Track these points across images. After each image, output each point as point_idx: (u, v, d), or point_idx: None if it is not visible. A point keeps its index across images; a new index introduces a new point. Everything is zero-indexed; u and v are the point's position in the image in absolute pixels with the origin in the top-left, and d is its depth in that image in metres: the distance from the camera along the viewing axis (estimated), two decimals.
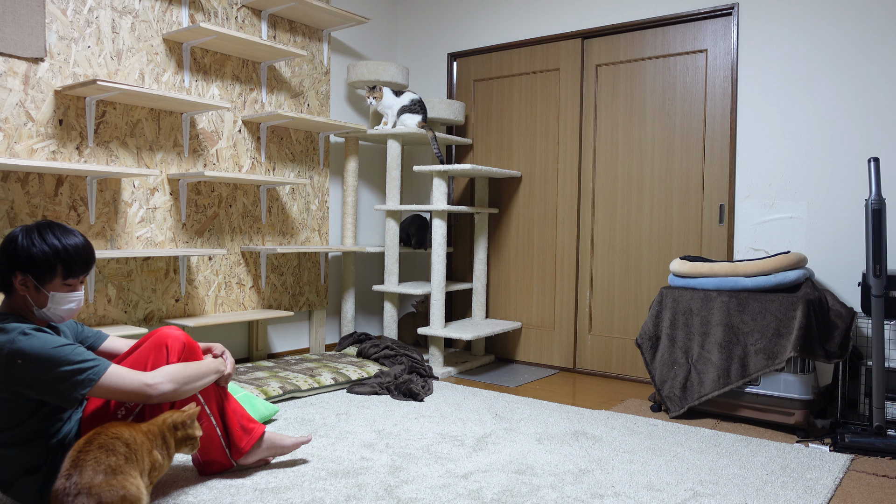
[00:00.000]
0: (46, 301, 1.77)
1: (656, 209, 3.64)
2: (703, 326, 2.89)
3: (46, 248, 1.74)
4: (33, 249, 1.73)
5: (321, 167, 4.05)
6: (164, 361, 1.90)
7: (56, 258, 1.75)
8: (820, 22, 3.15)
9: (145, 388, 1.74)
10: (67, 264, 1.77)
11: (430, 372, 3.52)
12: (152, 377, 1.76)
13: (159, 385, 1.76)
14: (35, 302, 1.77)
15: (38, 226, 1.78)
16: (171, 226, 3.28)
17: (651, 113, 3.65)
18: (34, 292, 1.76)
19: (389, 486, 2.04)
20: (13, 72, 2.71)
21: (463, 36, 4.36)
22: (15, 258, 1.74)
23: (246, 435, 2.09)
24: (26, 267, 1.74)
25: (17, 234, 1.76)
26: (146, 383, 1.74)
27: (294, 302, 3.90)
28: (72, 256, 1.78)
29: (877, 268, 2.47)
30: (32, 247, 1.74)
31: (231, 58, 3.54)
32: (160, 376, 1.78)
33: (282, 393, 2.98)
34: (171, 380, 1.79)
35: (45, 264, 1.74)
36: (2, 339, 1.64)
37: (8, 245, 1.75)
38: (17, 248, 1.74)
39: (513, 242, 4.16)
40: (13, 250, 1.74)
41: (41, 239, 1.75)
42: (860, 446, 2.45)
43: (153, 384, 1.75)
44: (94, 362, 1.69)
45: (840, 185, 3.11)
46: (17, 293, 1.77)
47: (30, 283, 1.75)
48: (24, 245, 1.73)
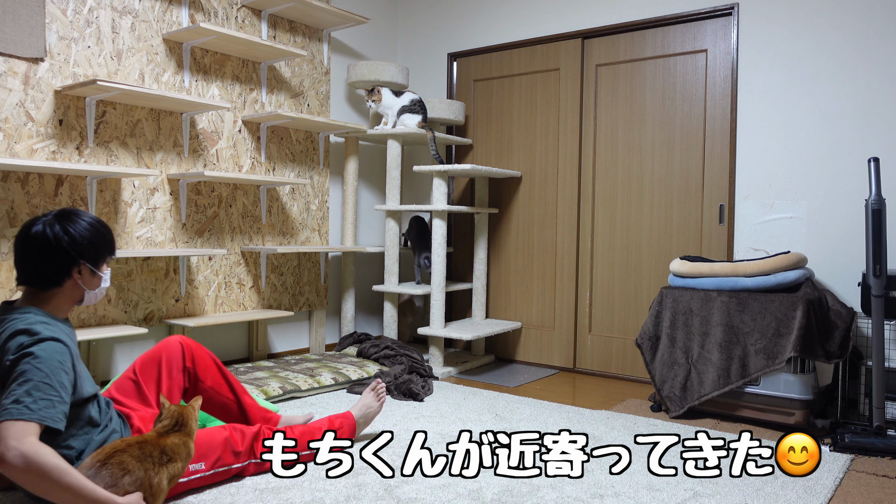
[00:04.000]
0: (100, 282, 1.82)
1: (656, 209, 3.63)
2: (703, 326, 2.89)
3: (94, 230, 1.79)
4: (85, 234, 1.76)
5: (321, 167, 4.05)
6: (153, 380, 1.92)
7: (104, 237, 1.82)
8: (820, 22, 3.15)
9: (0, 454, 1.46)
10: (111, 241, 1.85)
11: (430, 372, 3.52)
12: (12, 450, 1.45)
13: (9, 459, 1.46)
14: (89, 286, 1.80)
15: (62, 213, 1.77)
16: (171, 226, 3.28)
17: (651, 113, 3.65)
18: (90, 278, 1.79)
19: (389, 485, 2.04)
20: (13, 72, 2.71)
21: (463, 36, 4.36)
22: (74, 250, 1.74)
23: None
24: (85, 254, 1.76)
25: (57, 231, 1.72)
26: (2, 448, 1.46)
27: (294, 302, 3.90)
28: (110, 233, 1.85)
29: (877, 268, 2.47)
30: (83, 232, 1.76)
31: (231, 58, 3.54)
32: (18, 456, 1.45)
33: (282, 393, 2.98)
34: (27, 466, 1.45)
35: (99, 246, 1.79)
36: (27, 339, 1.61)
37: (56, 240, 1.72)
38: (69, 239, 1.73)
39: (513, 242, 4.16)
40: (66, 244, 1.73)
41: (84, 221, 1.78)
42: (860, 446, 2.45)
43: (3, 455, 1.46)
44: (34, 405, 1.53)
45: (840, 185, 3.11)
46: (67, 284, 1.75)
47: (86, 269, 1.78)
48: (75, 234, 1.74)
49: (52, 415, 1.54)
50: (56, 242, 1.72)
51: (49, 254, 1.72)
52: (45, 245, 1.72)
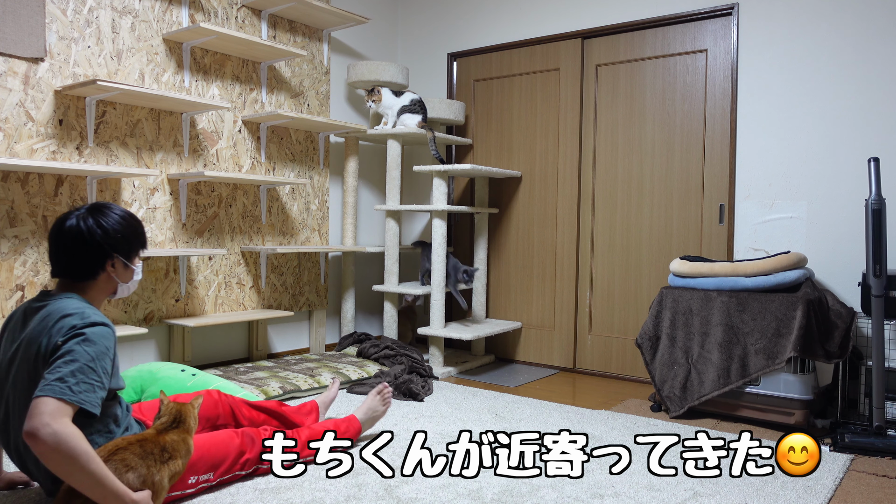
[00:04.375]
0: (133, 274, 1.85)
1: (656, 209, 3.63)
2: (703, 326, 2.89)
3: (126, 224, 1.82)
4: (118, 228, 1.79)
5: (321, 167, 4.05)
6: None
7: (136, 230, 1.85)
8: (820, 22, 3.15)
9: (34, 428, 1.47)
10: (143, 234, 1.88)
11: (430, 372, 3.52)
12: (45, 427, 1.46)
13: (42, 436, 1.46)
14: (122, 279, 1.83)
15: (95, 208, 1.81)
16: (171, 226, 3.28)
17: (651, 113, 3.65)
18: (122, 271, 1.82)
19: (389, 485, 2.04)
20: (13, 72, 2.71)
21: (463, 36, 4.36)
22: (108, 244, 1.77)
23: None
24: (118, 248, 1.79)
25: (91, 224, 1.76)
26: (37, 425, 1.47)
27: (294, 302, 3.90)
28: (141, 226, 1.88)
29: (877, 268, 2.47)
30: (116, 226, 1.79)
31: (231, 58, 3.54)
32: (51, 434, 1.45)
33: (282, 393, 2.98)
34: (56, 446, 1.46)
35: (132, 239, 1.82)
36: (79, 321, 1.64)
37: (90, 234, 1.75)
38: (103, 233, 1.76)
39: (513, 242, 4.16)
40: (101, 238, 1.76)
41: (115, 215, 1.81)
42: (860, 446, 2.45)
43: (38, 431, 1.46)
44: (91, 388, 1.58)
45: (840, 185, 3.11)
46: (99, 279, 1.79)
47: (119, 262, 1.81)
48: (109, 228, 1.77)
49: (91, 399, 1.57)
50: (90, 236, 1.76)
51: (83, 247, 1.76)
52: (79, 239, 1.76)
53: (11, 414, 1.71)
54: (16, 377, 1.69)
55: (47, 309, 1.69)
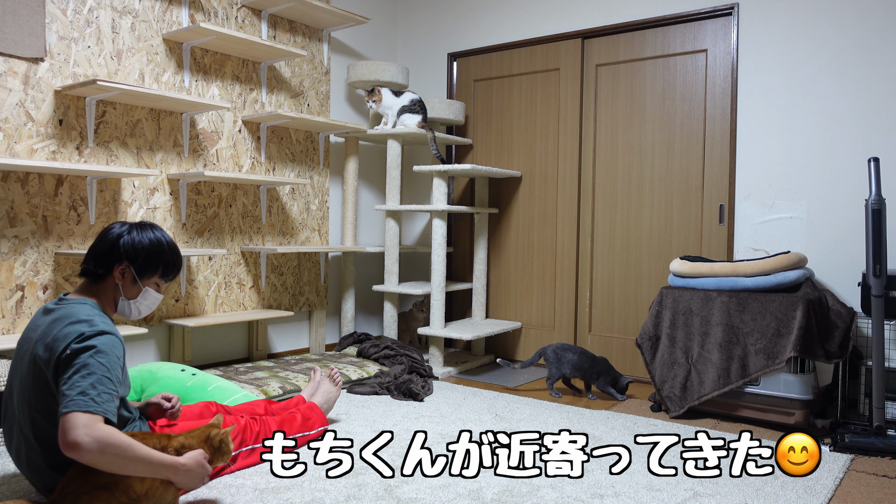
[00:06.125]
0: (138, 294, 1.87)
1: (656, 209, 3.63)
2: (703, 326, 2.89)
3: (156, 244, 1.86)
4: (144, 242, 1.84)
5: (321, 167, 4.05)
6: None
7: (162, 255, 1.87)
8: (820, 22, 3.15)
9: (75, 442, 1.53)
10: (168, 264, 1.89)
11: (430, 372, 3.52)
12: (85, 437, 1.52)
13: (85, 446, 1.52)
14: (126, 293, 1.85)
15: (143, 224, 1.89)
16: (171, 226, 3.28)
17: (651, 113, 3.65)
18: (130, 284, 1.85)
19: (389, 485, 2.04)
20: (13, 72, 2.71)
21: (463, 36, 4.36)
22: (123, 247, 1.82)
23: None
24: (132, 258, 1.83)
25: (123, 229, 1.85)
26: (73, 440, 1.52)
27: (294, 302, 3.90)
28: (175, 258, 1.90)
29: (877, 268, 2.47)
30: (143, 240, 1.84)
31: (231, 58, 3.54)
32: (93, 441, 1.53)
33: (282, 393, 2.98)
34: (101, 449, 1.53)
35: (151, 258, 1.85)
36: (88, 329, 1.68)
37: (116, 236, 1.83)
38: (126, 238, 1.83)
39: (513, 242, 4.16)
40: (122, 241, 1.82)
41: (153, 234, 1.87)
42: (860, 446, 2.45)
43: (78, 445, 1.52)
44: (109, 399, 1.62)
45: (840, 185, 3.11)
46: (109, 281, 1.83)
47: (129, 274, 1.83)
48: (135, 237, 1.83)
49: (112, 409, 1.63)
50: (115, 237, 1.83)
51: (102, 241, 1.84)
52: (105, 235, 1.85)
53: (17, 404, 1.77)
54: (21, 369, 1.76)
55: (61, 311, 1.74)
